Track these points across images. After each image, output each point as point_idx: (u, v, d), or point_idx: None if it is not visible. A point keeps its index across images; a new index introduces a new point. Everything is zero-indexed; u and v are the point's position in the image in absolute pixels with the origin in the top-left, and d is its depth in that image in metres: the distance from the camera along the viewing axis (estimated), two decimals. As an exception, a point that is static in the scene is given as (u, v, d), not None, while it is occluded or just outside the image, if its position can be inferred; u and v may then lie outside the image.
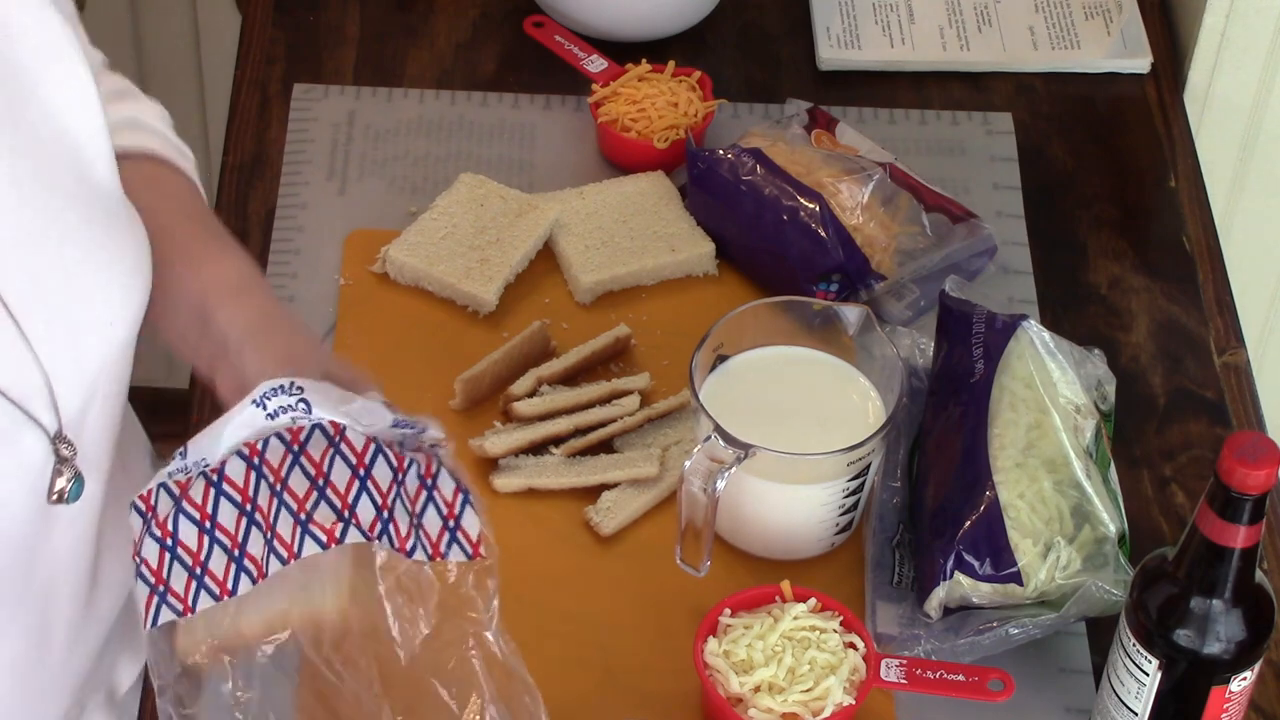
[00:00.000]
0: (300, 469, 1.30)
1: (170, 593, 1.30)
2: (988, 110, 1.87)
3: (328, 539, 1.28)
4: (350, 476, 1.30)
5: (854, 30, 1.93)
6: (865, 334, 1.52)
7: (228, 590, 1.29)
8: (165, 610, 1.29)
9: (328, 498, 1.30)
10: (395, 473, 1.31)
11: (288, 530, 1.29)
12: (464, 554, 1.31)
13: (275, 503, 1.30)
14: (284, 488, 1.30)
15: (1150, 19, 1.95)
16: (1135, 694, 1.36)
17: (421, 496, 1.32)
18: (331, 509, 1.29)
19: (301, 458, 1.30)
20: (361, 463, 1.31)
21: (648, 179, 1.76)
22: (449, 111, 1.84)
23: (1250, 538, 1.28)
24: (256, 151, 1.76)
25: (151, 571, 1.30)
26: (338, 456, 1.31)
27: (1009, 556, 1.43)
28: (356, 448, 1.31)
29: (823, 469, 1.46)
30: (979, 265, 1.70)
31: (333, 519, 1.29)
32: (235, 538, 1.30)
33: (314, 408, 1.31)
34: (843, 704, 1.38)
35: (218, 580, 1.30)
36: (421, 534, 1.31)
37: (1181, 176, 1.83)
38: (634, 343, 1.64)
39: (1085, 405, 1.51)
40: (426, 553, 1.30)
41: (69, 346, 1.28)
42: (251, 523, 1.30)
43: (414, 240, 1.70)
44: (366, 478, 1.30)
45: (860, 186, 1.69)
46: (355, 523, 1.29)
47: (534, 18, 1.91)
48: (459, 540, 1.31)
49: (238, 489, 1.30)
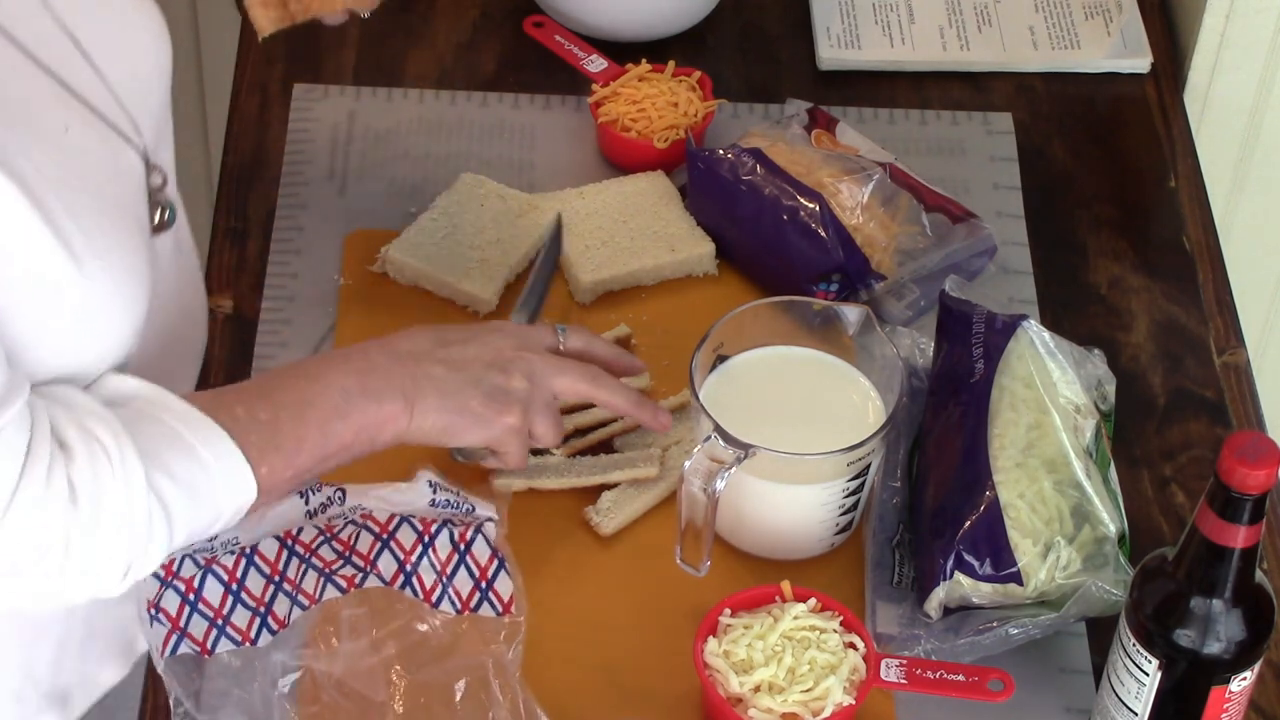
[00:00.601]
0: (330, 545, 1.39)
1: (188, 636, 1.37)
2: (988, 110, 1.87)
3: (348, 585, 1.37)
4: (373, 541, 1.39)
5: (854, 30, 1.93)
6: (865, 334, 1.52)
7: (250, 639, 1.37)
8: (185, 644, 1.37)
9: (352, 561, 1.38)
10: (421, 536, 1.38)
11: (312, 585, 1.38)
12: (494, 611, 1.39)
13: (303, 568, 1.38)
14: (313, 555, 1.38)
15: (1150, 19, 1.95)
16: (1135, 694, 1.36)
17: (454, 560, 1.39)
18: (354, 567, 1.38)
19: (333, 541, 1.39)
20: (385, 530, 1.39)
21: (648, 179, 1.76)
22: (449, 111, 1.84)
23: (1250, 538, 1.28)
24: (256, 151, 1.76)
25: (169, 619, 1.37)
26: (363, 531, 1.39)
27: (1009, 556, 1.43)
28: (380, 520, 1.39)
29: (823, 469, 1.46)
30: (979, 265, 1.70)
31: (354, 573, 1.38)
32: (262, 599, 1.38)
33: (348, 497, 1.41)
34: (843, 704, 1.38)
35: (240, 630, 1.38)
36: (450, 590, 1.38)
37: (1181, 176, 1.83)
38: (634, 342, 1.64)
39: (1085, 405, 1.51)
40: (455, 607, 1.38)
41: (136, 84, 1.41)
42: (279, 590, 1.38)
43: (414, 240, 1.70)
44: (389, 540, 1.39)
45: (860, 186, 1.69)
46: (376, 573, 1.38)
47: (534, 18, 1.91)
48: (490, 599, 1.39)
49: (269, 563, 1.38)
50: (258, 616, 1.38)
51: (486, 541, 1.39)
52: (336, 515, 1.40)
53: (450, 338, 1.44)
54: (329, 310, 1.67)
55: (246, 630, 1.37)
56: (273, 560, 1.38)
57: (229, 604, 1.37)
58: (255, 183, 1.78)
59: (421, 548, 1.38)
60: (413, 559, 1.38)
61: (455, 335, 1.45)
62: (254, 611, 1.38)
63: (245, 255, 1.71)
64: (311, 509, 1.40)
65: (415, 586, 1.38)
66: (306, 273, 1.70)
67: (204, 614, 1.37)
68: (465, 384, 1.41)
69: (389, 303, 1.68)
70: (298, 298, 1.68)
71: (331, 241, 1.73)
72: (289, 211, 1.75)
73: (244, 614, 1.38)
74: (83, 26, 1.38)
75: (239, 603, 1.37)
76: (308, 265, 1.71)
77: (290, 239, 1.73)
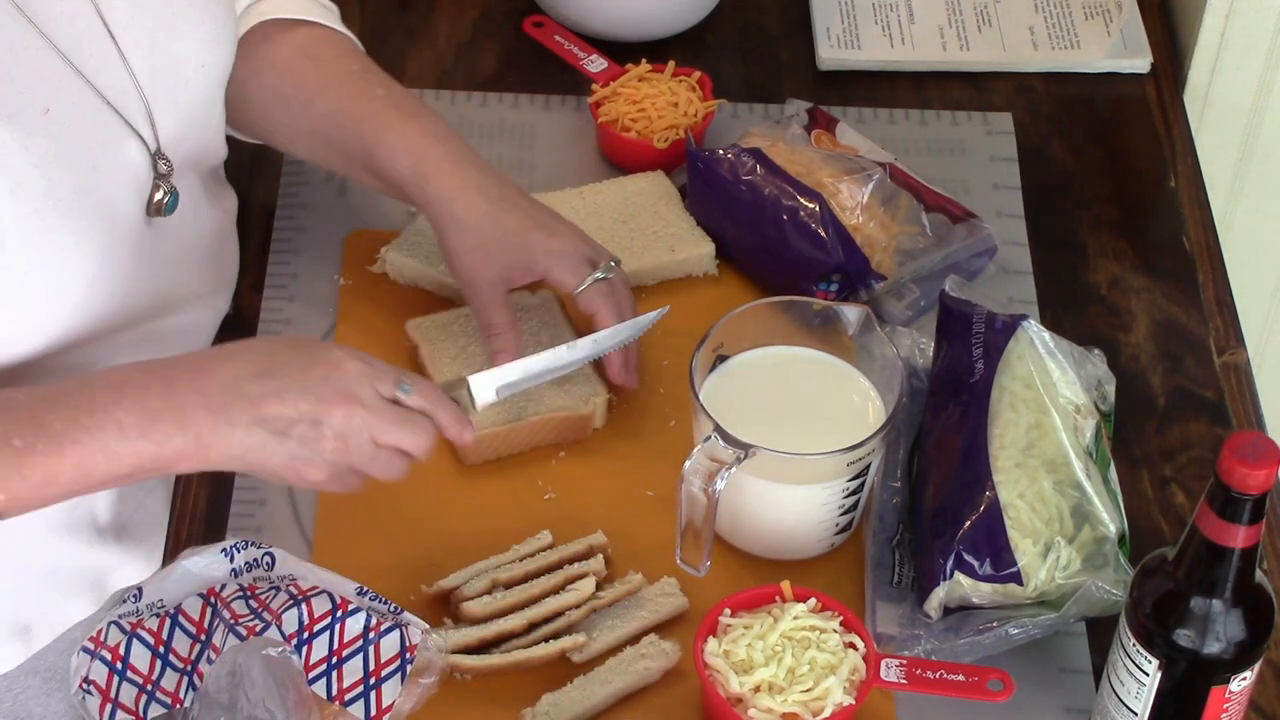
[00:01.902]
0: (245, 601, 1.36)
1: (121, 707, 1.34)
2: (988, 110, 1.87)
3: (247, 633, 1.32)
4: (287, 600, 1.35)
5: (854, 30, 1.93)
6: (865, 334, 1.52)
7: (179, 701, 1.34)
8: (120, 716, 1.34)
9: (261, 616, 1.35)
10: (335, 608, 1.34)
11: (220, 639, 1.34)
12: (363, 716, 1.33)
13: (218, 623, 1.35)
14: (227, 609, 1.35)
15: (1150, 19, 1.95)
16: (1135, 694, 1.36)
17: (355, 644, 1.34)
18: (260, 620, 1.34)
19: (251, 600, 1.36)
20: (302, 593, 1.35)
21: (648, 179, 1.76)
22: (449, 111, 1.84)
23: (1250, 538, 1.28)
24: (256, 151, 1.76)
25: (100, 690, 1.34)
26: (281, 592, 1.36)
27: (1009, 556, 1.43)
28: (303, 588, 1.35)
29: (823, 469, 1.46)
30: (979, 265, 1.70)
31: (258, 624, 1.33)
32: (188, 659, 1.35)
33: (277, 564, 1.37)
34: (843, 704, 1.38)
35: (169, 694, 1.34)
36: (334, 673, 1.33)
37: (1181, 176, 1.83)
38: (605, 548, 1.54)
39: (1085, 405, 1.51)
40: (329, 691, 1.33)
41: (165, 74, 1.44)
42: (205, 650, 1.35)
43: (414, 240, 1.69)
44: (303, 601, 1.34)
45: (860, 186, 1.69)
46: (278, 625, 1.33)
47: (534, 18, 1.91)
48: (369, 699, 1.33)
49: (193, 622, 1.36)
50: (185, 677, 1.35)
51: (402, 639, 1.34)
52: (261, 578, 1.38)
53: (278, 369, 1.35)
54: (329, 310, 1.68)
55: (175, 692, 1.35)
56: (197, 619, 1.36)
57: (157, 668, 1.35)
58: (255, 183, 1.78)
59: (331, 619, 1.34)
60: (315, 628, 1.34)
61: (284, 367, 1.35)
62: (181, 672, 1.35)
63: (245, 255, 1.71)
64: (236, 567, 1.38)
65: (303, 654, 1.33)
66: (306, 273, 1.70)
67: (133, 681, 1.34)
68: (268, 440, 1.33)
69: (389, 303, 1.68)
70: (298, 298, 1.68)
71: (331, 241, 1.73)
72: (289, 211, 1.75)
73: (172, 676, 1.35)
74: (119, 8, 1.40)
75: (167, 665, 1.35)
76: (308, 265, 1.71)
77: (290, 239, 1.73)
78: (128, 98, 1.42)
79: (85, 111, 1.39)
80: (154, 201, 1.46)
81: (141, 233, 1.45)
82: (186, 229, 1.52)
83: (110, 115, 1.41)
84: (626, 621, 1.47)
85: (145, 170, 1.45)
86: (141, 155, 1.44)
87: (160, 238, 1.48)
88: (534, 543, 1.51)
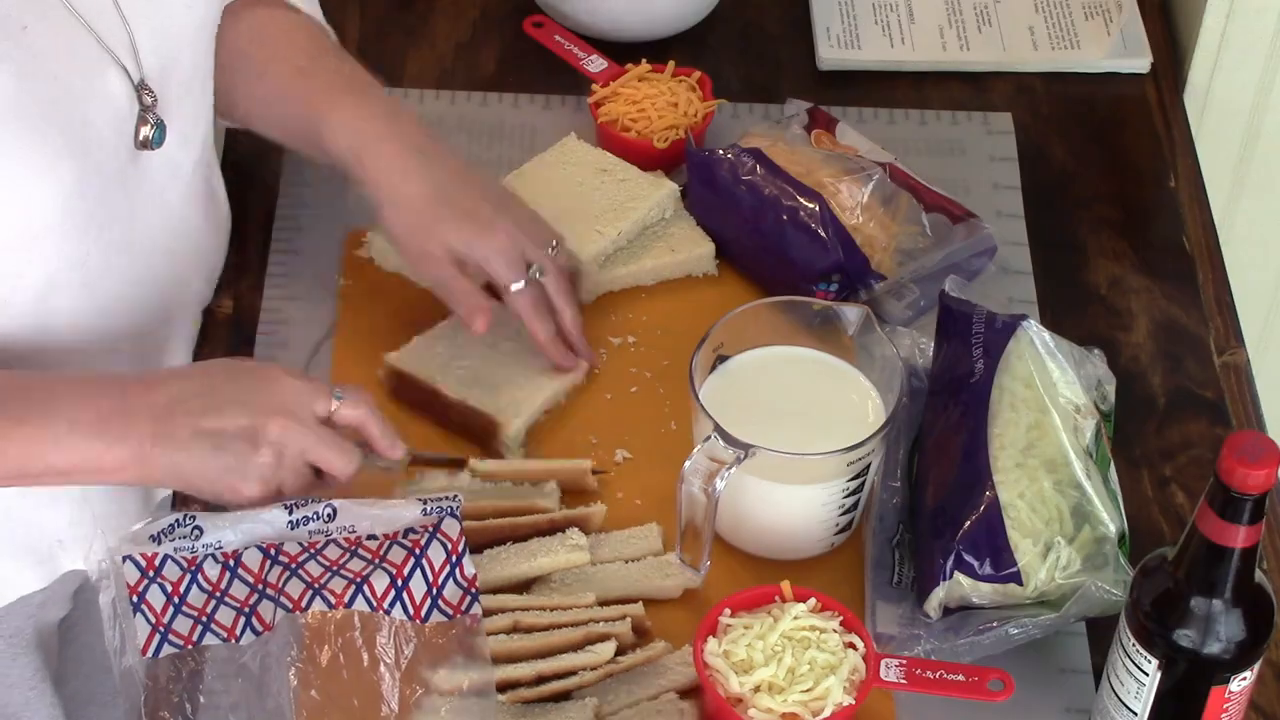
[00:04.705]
0: (316, 560, 1.39)
1: (172, 633, 1.38)
2: (988, 110, 1.87)
3: (336, 602, 1.36)
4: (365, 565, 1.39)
5: (854, 30, 1.93)
6: (865, 334, 1.52)
7: (235, 636, 1.37)
8: (167, 646, 1.38)
9: (340, 573, 1.38)
10: (411, 551, 1.39)
11: (297, 592, 1.37)
12: (444, 616, 1.39)
13: (287, 574, 1.38)
14: (300, 568, 1.38)
15: (1150, 19, 1.95)
16: (1135, 694, 1.36)
17: (409, 564, 1.38)
18: (343, 578, 1.38)
19: (319, 557, 1.39)
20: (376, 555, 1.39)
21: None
22: (449, 111, 1.84)
23: (1250, 538, 1.28)
24: (256, 151, 1.76)
25: (154, 614, 1.38)
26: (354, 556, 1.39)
27: (1009, 556, 1.43)
28: (371, 549, 1.39)
29: (823, 469, 1.46)
30: (979, 265, 1.70)
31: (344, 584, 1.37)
32: (246, 602, 1.39)
33: (339, 514, 1.41)
34: (843, 704, 1.38)
35: (225, 628, 1.38)
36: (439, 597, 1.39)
37: (1181, 176, 1.83)
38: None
39: (1085, 405, 1.51)
40: (407, 613, 1.38)
41: (150, 8, 1.46)
42: (263, 596, 1.38)
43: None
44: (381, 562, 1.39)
45: (860, 186, 1.69)
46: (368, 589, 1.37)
47: (534, 18, 1.91)
48: (439, 605, 1.38)
49: (251, 573, 1.39)
50: (242, 616, 1.38)
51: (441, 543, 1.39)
52: (319, 531, 1.41)
53: (219, 387, 1.40)
54: (329, 310, 1.68)
55: (232, 628, 1.38)
56: (256, 571, 1.39)
57: (212, 605, 1.38)
58: (255, 182, 1.77)
59: (413, 562, 1.38)
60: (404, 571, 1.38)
61: (225, 385, 1.41)
62: (239, 611, 1.38)
63: (245, 255, 1.71)
64: (294, 520, 1.41)
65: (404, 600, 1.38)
66: (306, 273, 1.70)
67: (188, 614, 1.38)
68: (206, 454, 1.38)
69: (389, 303, 1.67)
70: (298, 298, 1.68)
71: (331, 241, 1.73)
72: (289, 211, 1.75)
73: (228, 613, 1.38)
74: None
75: (223, 604, 1.38)
76: (308, 265, 1.71)
77: (290, 239, 1.73)
78: (109, 22, 1.43)
79: (63, 31, 1.40)
80: (140, 137, 1.47)
81: (125, 167, 1.46)
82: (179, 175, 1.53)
83: (90, 40, 1.41)
84: (644, 689, 1.43)
85: (127, 101, 1.45)
86: (123, 85, 1.45)
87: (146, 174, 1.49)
88: (573, 598, 1.46)
